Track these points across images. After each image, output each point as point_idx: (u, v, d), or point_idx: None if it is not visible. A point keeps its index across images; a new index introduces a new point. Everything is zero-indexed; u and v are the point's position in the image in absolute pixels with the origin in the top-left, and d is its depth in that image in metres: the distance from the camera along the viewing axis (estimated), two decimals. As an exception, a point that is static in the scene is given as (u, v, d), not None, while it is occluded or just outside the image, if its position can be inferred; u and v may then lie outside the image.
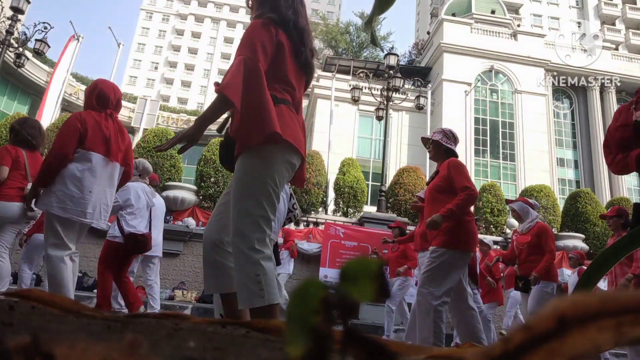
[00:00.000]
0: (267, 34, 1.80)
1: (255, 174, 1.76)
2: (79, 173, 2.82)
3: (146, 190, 4.52)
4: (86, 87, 3.16)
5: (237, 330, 0.54)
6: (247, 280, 1.64)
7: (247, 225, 1.70)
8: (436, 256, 3.07)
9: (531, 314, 4.34)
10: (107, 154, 2.94)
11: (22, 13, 11.25)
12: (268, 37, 1.80)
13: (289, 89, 1.89)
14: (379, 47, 6.98)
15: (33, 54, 14.02)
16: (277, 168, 1.78)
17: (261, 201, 1.74)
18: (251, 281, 1.64)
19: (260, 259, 1.67)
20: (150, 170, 4.75)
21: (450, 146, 3.34)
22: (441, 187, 3.20)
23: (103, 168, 2.93)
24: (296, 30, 1.90)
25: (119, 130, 3.09)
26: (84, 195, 2.82)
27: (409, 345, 0.41)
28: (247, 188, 1.75)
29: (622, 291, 0.23)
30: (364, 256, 0.27)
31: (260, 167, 1.76)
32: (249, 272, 1.65)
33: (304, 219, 11.17)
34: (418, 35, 38.85)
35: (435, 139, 3.34)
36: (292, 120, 1.84)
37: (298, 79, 1.94)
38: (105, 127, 2.96)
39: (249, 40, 1.78)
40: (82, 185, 2.81)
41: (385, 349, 0.26)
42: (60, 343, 0.27)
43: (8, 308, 0.52)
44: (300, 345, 0.25)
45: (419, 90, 15.20)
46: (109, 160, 2.96)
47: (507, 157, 20.71)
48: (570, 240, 11.61)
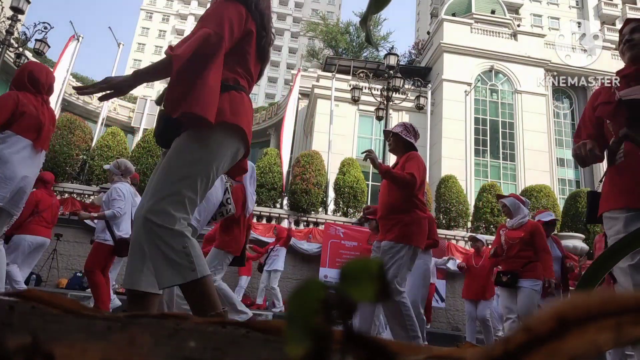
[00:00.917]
0: (237, 15, 1.73)
1: (197, 154, 1.65)
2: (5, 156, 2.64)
3: (130, 191, 4.61)
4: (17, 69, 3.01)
5: (237, 330, 0.54)
6: (172, 254, 1.52)
7: (173, 203, 1.59)
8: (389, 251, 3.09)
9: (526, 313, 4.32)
10: (37, 141, 2.80)
11: (22, 13, 11.25)
12: (238, 18, 1.73)
13: (248, 77, 1.84)
14: (373, 47, 6.95)
15: (33, 54, 14.02)
16: (221, 154, 1.69)
17: (194, 183, 1.63)
18: (178, 254, 1.53)
19: (185, 231, 1.57)
20: (132, 170, 4.79)
21: (409, 139, 3.38)
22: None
23: (30, 155, 2.78)
24: (258, 13, 1.83)
25: (51, 118, 2.95)
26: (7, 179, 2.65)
27: (409, 345, 0.41)
28: (183, 166, 1.64)
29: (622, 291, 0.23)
30: (364, 256, 0.27)
31: (204, 149, 1.66)
32: (174, 246, 1.53)
33: (304, 219, 11.17)
34: (418, 35, 38.86)
35: (395, 132, 3.40)
36: (249, 109, 1.79)
37: (255, 68, 1.89)
38: (42, 114, 2.83)
39: (217, 16, 1.69)
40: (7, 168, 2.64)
41: (385, 349, 0.26)
42: (60, 343, 0.27)
43: (8, 308, 0.52)
44: (301, 346, 0.25)
45: (419, 90, 15.20)
46: (36, 148, 2.81)
47: (507, 157, 20.71)
48: (570, 240, 11.60)
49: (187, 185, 1.62)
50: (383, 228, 3.24)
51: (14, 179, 2.69)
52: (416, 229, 3.11)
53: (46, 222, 4.91)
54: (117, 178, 4.53)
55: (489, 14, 24.33)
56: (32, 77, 2.87)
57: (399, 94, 12.17)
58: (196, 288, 1.54)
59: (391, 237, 3.09)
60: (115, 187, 4.43)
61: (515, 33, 22.76)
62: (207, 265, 1.60)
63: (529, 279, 4.27)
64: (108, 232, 4.29)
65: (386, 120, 11.94)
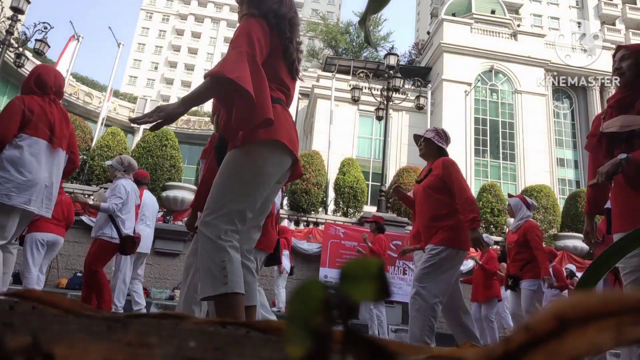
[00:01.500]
0: (263, 32, 1.79)
1: (243, 169, 1.74)
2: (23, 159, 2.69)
3: (134, 188, 4.50)
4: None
5: (238, 330, 0.54)
6: (212, 266, 1.62)
7: (220, 217, 1.68)
8: (435, 254, 3.06)
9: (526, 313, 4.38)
10: (51, 140, 2.84)
11: (22, 13, 11.25)
12: (264, 35, 1.79)
13: (283, 89, 1.89)
14: (372, 47, 6.96)
15: (33, 54, 14.03)
16: (267, 167, 1.77)
17: (241, 197, 1.72)
18: (216, 267, 1.61)
19: (227, 246, 1.65)
20: (136, 167, 4.70)
21: (442, 145, 3.34)
22: (436, 186, 3.20)
23: (48, 155, 2.83)
24: (289, 26, 1.89)
25: (63, 116, 2.99)
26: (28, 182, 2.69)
27: (409, 345, 0.41)
28: (230, 181, 1.73)
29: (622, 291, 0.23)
30: (364, 256, 0.27)
31: (249, 164, 1.74)
32: (215, 259, 1.63)
33: (304, 219, 11.17)
34: (418, 35, 38.85)
35: (428, 137, 3.35)
36: (286, 120, 1.84)
37: (290, 79, 1.94)
38: (49, 113, 2.87)
39: (246, 35, 1.75)
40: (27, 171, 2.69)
41: (385, 349, 0.26)
42: (60, 343, 0.27)
43: (8, 308, 0.52)
44: (301, 346, 0.25)
45: (419, 90, 15.19)
46: (53, 147, 2.86)
47: (507, 157, 20.71)
48: (570, 240, 11.60)
49: (235, 199, 1.71)
50: (426, 235, 3.23)
51: (37, 181, 2.72)
52: (461, 232, 3.12)
53: (56, 220, 4.82)
54: (119, 174, 4.40)
55: (489, 14, 24.34)
56: (38, 79, 2.91)
57: (399, 94, 12.17)
58: (223, 301, 1.60)
59: (436, 241, 3.09)
60: (120, 183, 4.30)
61: (515, 33, 22.76)
62: (242, 284, 1.65)
63: (526, 280, 4.34)
64: (113, 229, 4.16)
65: (386, 121, 11.94)
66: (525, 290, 4.31)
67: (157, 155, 11.08)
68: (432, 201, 3.17)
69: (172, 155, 11.41)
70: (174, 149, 11.56)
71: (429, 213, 3.17)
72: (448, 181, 3.14)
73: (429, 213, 3.17)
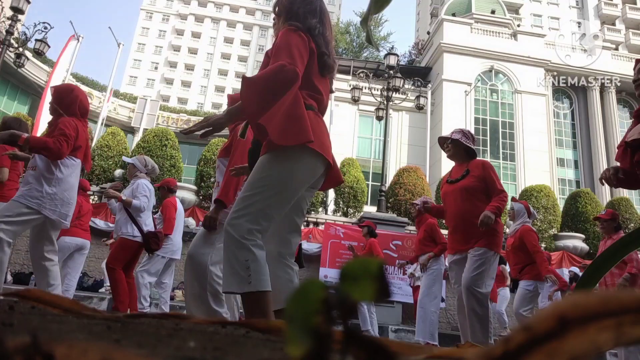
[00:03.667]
0: (302, 41, 1.86)
1: (275, 172, 1.80)
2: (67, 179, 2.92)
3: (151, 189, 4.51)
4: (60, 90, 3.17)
5: (238, 330, 0.54)
6: (236, 264, 1.68)
7: (247, 217, 1.73)
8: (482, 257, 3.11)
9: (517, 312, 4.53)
10: (85, 160, 3.09)
11: (22, 13, 11.25)
12: (303, 44, 1.86)
13: (316, 95, 1.94)
14: (374, 47, 6.99)
15: (33, 54, 14.02)
16: (298, 173, 1.83)
17: (268, 199, 1.77)
18: (240, 266, 1.68)
19: (251, 245, 1.71)
20: (157, 171, 4.73)
21: (470, 145, 3.40)
22: (476, 187, 3.25)
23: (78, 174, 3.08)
24: (323, 39, 1.97)
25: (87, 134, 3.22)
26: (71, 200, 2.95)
27: (409, 345, 0.41)
28: (260, 183, 1.79)
29: (622, 290, 0.23)
30: (364, 256, 0.27)
31: (282, 168, 1.80)
32: (239, 257, 1.69)
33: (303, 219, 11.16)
34: (418, 35, 38.84)
35: (455, 138, 3.41)
36: (319, 126, 1.89)
37: (324, 85, 2.00)
38: (87, 137, 3.10)
39: (286, 47, 1.82)
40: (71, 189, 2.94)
41: (385, 349, 0.26)
42: (60, 343, 0.27)
43: (8, 308, 0.52)
44: (301, 346, 0.25)
45: (419, 90, 15.19)
46: (87, 170, 3.18)
47: (507, 157, 20.71)
48: (570, 240, 11.60)
49: (261, 201, 1.77)
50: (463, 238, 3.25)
51: (74, 200, 3.02)
52: (500, 237, 3.21)
53: (84, 228, 5.20)
54: (141, 175, 4.39)
55: (489, 14, 24.34)
56: (82, 105, 3.12)
57: (399, 94, 12.16)
58: (249, 299, 1.69)
59: (483, 244, 3.13)
60: (142, 182, 4.30)
61: (515, 33, 22.75)
62: (267, 282, 1.71)
63: (523, 280, 4.49)
64: (134, 227, 4.17)
65: (386, 121, 11.94)
66: (521, 290, 4.46)
67: (157, 155, 11.08)
68: (472, 203, 3.22)
69: (172, 155, 11.41)
70: (174, 149, 11.57)
71: (469, 215, 3.20)
72: (489, 182, 3.23)
73: (469, 215, 3.20)
